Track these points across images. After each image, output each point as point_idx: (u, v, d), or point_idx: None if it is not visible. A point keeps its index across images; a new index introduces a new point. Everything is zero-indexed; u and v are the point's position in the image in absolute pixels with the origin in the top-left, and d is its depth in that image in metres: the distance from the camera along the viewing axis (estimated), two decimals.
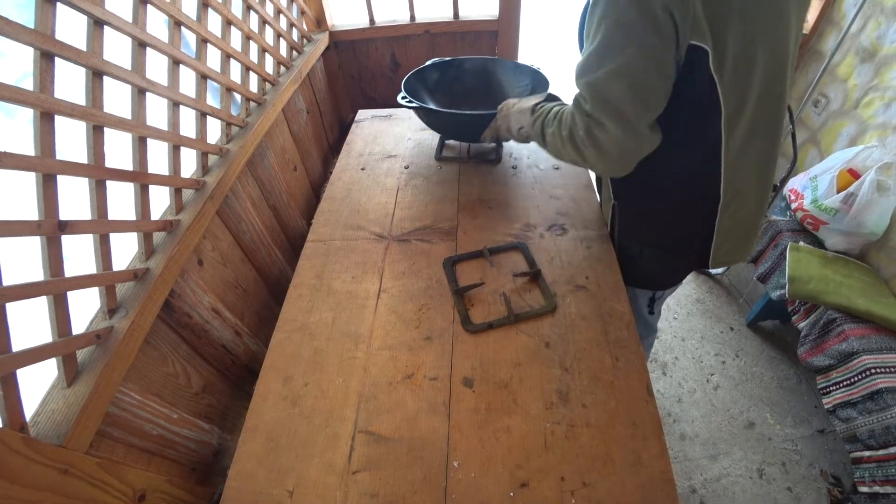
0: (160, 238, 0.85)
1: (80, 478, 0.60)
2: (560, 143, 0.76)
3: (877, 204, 1.35)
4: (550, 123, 0.80)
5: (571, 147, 0.74)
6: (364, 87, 1.89)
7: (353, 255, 0.99)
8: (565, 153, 0.77)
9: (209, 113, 1.01)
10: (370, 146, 1.33)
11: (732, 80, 0.64)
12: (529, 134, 0.90)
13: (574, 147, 0.73)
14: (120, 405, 0.72)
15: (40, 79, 0.62)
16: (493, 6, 1.63)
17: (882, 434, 1.14)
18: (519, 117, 0.91)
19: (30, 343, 0.58)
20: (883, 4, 1.47)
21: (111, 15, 0.74)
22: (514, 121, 0.93)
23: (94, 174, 0.71)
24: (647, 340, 1.32)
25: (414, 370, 0.78)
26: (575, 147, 0.73)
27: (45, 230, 0.61)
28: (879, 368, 1.17)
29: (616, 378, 0.75)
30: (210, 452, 0.94)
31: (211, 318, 0.97)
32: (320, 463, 0.68)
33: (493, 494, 0.64)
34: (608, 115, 0.67)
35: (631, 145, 0.69)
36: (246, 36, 1.17)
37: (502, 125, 0.98)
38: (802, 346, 1.41)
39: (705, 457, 1.45)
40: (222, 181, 0.98)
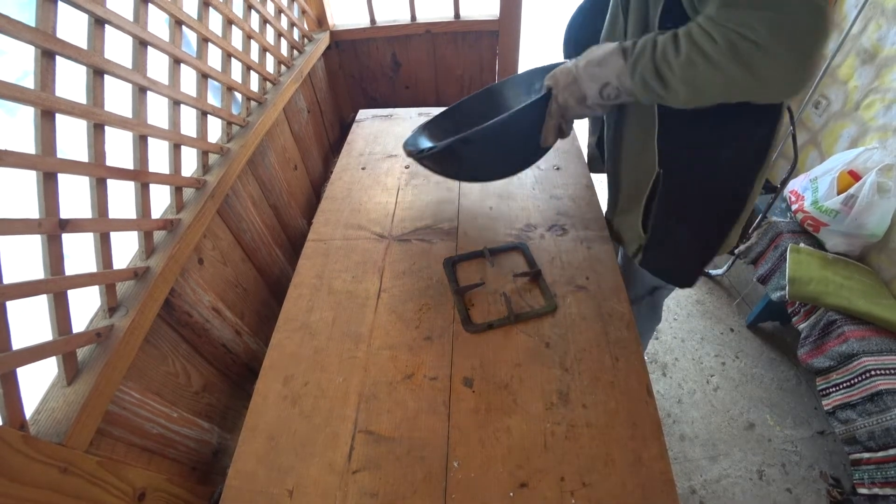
0: (161, 237, 0.85)
1: (80, 476, 0.60)
2: (706, 67, 0.54)
3: (877, 206, 1.35)
4: (671, 55, 0.57)
5: (734, 61, 0.52)
6: (365, 87, 1.89)
7: (354, 255, 0.99)
8: (718, 77, 0.55)
9: (210, 112, 1.01)
10: (371, 146, 1.33)
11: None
12: (626, 87, 0.65)
13: (740, 58, 0.51)
14: (120, 404, 0.72)
15: (41, 77, 0.62)
16: (493, 6, 1.63)
17: (882, 436, 1.14)
18: (598, 73, 0.66)
19: (30, 341, 0.58)
20: (884, 6, 1.47)
21: (112, 14, 0.74)
22: (589, 83, 0.68)
23: (95, 173, 0.71)
24: (646, 336, 1.32)
25: (414, 370, 0.78)
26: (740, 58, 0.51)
27: (46, 228, 0.61)
28: (879, 370, 1.17)
29: (616, 378, 0.75)
30: (210, 451, 0.94)
31: (211, 317, 0.97)
32: (320, 462, 0.68)
33: (493, 494, 0.64)
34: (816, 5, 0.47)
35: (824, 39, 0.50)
36: (247, 35, 1.17)
37: (569, 100, 0.71)
38: (802, 347, 1.41)
39: (705, 458, 1.45)
40: (223, 180, 0.98)
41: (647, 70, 0.60)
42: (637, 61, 0.62)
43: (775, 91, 0.55)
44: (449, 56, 1.76)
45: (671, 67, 0.57)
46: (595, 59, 0.67)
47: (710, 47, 0.53)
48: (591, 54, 0.68)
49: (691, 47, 0.55)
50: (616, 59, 0.64)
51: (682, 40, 0.56)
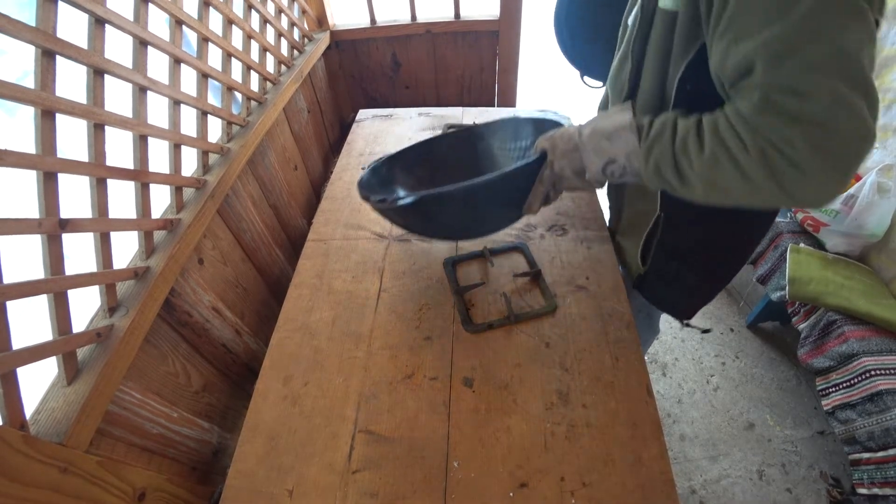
0: (161, 237, 0.85)
1: (80, 476, 0.60)
2: (735, 171, 0.48)
3: (877, 206, 1.35)
4: (691, 145, 0.51)
5: (764, 174, 0.46)
6: (365, 87, 1.89)
7: (354, 255, 0.99)
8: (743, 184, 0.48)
9: (210, 112, 1.01)
10: (371, 146, 1.33)
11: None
12: (634, 168, 0.58)
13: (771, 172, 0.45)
14: (120, 404, 0.72)
15: (41, 77, 0.62)
16: (494, 6, 1.63)
17: (881, 436, 1.14)
18: (604, 148, 0.58)
19: (30, 341, 0.58)
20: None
21: (112, 13, 0.74)
22: (592, 156, 0.60)
23: (95, 172, 0.71)
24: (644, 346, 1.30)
25: (414, 370, 0.78)
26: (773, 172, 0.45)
27: (46, 228, 0.61)
28: (879, 370, 1.18)
29: (616, 378, 0.75)
30: (210, 451, 0.94)
31: (211, 316, 0.97)
32: (320, 462, 0.68)
33: (493, 494, 0.64)
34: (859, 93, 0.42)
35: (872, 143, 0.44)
36: (247, 35, 1.17)
37: (566, 169, 0.63)
38: (802, 347, 1.41)
39: (705, 458, 1.45)
40: (223, 180, 0.98)
41: (664, 159, 0.53)
42: (653, 146, 0.54)
43: (802, 204, 0.50)
44: (449, 56, 1.76)
45: (692, 163, 0.51)
46: (603, 131, 0.59)
47: (739, 153, 0.47)
48: (599, 123, 0.60)
49: (718, 146, 0.48)
50: (628, 137, 0.57)
51: (708, 136, 0.49)
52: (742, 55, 0.46)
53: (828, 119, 0.41)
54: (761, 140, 0.45)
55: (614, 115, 0.59)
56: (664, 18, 0.55)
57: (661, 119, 0.55)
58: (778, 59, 0.43)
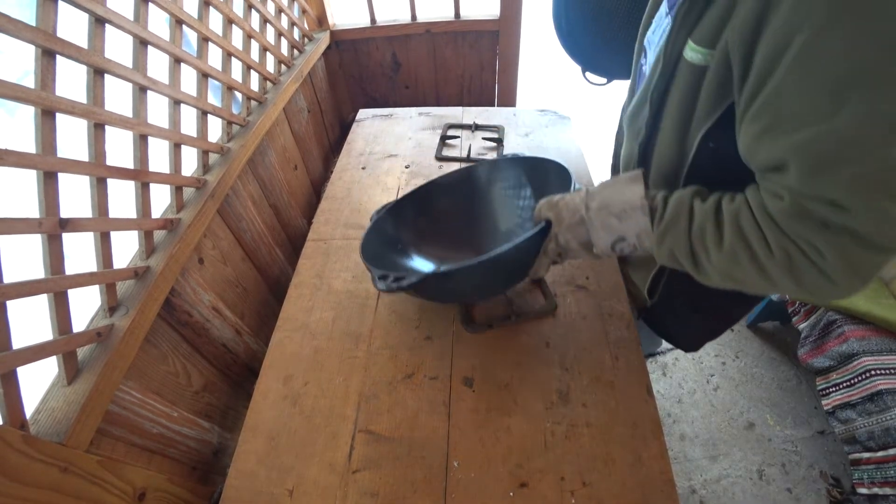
0: (161, 236, 0.85)
1: (81, 476, 0.60)
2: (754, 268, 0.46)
3: None
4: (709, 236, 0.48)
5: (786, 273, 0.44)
6: (365, 87, 1.89)
7: (354, 255, 0.99)
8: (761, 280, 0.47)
9: (210, 111, 1.01)
10: (371, 145, 1.33)
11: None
12: (645, 248, 0.55)
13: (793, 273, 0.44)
14: (120, 403, 0.72)
15: (41, 76, 0.62)
16: (494, 6, 1.63)
17: (881, 436, 1.14)
18: (614, 226, 0.55)
19: (30, 341, 0.58)
20: None
21: (112, 13, 0.74)
22: (600, 232, 0.56)
23: (95, 172, 0.71)
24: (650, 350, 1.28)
25: (414, 370, 0.78)
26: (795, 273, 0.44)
27: (46, 228, 0.61)
28: (879, 370, 1.17)
29: (616, 378, 0.75)
30: (210, 451, 0.94)
31: (211, 316, 0.97)
32: (320, 462, 0.68)
33: (493, 494, 0.64)
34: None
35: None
36: (247, 35, 1.17)
37: (571, 242, 0.60)
38: (802, 347, 1.41)
39: (705, 457, 1.45)
40: (223, 180, 0.98)
41: (679, 247, 0.51)
42: (667, 232, 0.51)
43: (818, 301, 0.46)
44: (449, 56, 1.76)
45: (709, 255, 0.48)
46: (612, 209, 0.55)
47: (761, 252, 0.44)
48: (608, 198, 0.55)
49: (738, 242, 0.46)
50: (639, 218, 0.53)
51: (728, 230, 0.46)
52: (775, 152, 0.41)
53: (867, 234, 0.39)
54: (787, 243, 0.43)
55: (624, 190, 0.54)
56: (690, 71, 0.49)
57: (675, 200, 0.51)
58: (816, 170, 0.39)
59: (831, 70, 0.36)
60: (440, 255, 0.90)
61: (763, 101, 0.41)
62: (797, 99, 0.38)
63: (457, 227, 0.92)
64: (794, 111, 0.39)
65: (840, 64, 0.35)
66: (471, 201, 0.93)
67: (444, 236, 0.92)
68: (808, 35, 0.36)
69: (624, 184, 0.55)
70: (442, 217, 0.93)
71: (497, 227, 0.92)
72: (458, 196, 0.93)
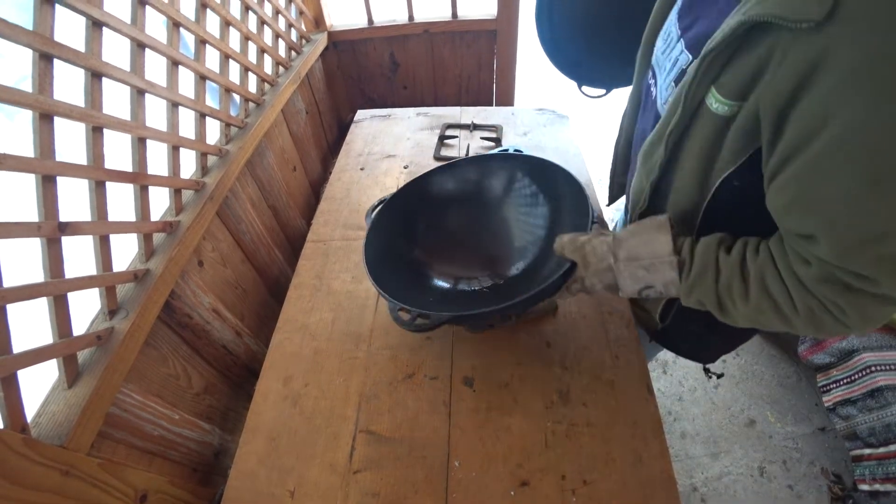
0: (160, 239, 0.85)
1: (82, 479, 0.60)
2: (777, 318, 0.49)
3: None
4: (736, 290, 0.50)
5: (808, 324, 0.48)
6: (363, 87, 1.89)
7: (353, 255, 0.99)
8: (784, 326, 0.50)
9: (208, 114, 1.01)
10: (369, 146, 1.33)
11: None
12: (672, 295, 0.57)
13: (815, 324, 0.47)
14: (121, 406, 0.72)
15: (39, 80, 0.62)
16: (491, 6, 1.63)
17: (882, 432, 1.14)
18: (642, 276, 0.56)
19: (31, 344, 0.59)
20: None
21: (110, 16, 0.74)
22: (628, 281, 0.57)
23: (94, 175, 0.71)
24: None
25: (414, 370, 0.78)
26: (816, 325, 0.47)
27: (46, 232, 0.61)
28: (880, 366, 1.18)
29: (616, 377, 0.75)
30: (211, 453, 0.94)
31: (211, 318, 0.97)
32: (321, 463, 0.68)
33: (494, 493, 0.64)
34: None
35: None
36: (244, 37, 1.17)
37: (597, 285, 0.61)
38: (803, 344, 1.41)
39: (706, 455, 1.45)
40: (222, 182, 0.98)
41: (707, 298, 0.53)
42: (695, 286, 0.53)
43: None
44: (447, 56, 1.76)
45: (735, 305, 0.51)
46: (641, 261, 0.55)
47: (786, 308, 0.48)
48: (636, 249, 0.55)
49: (764, 300, 0.48)
50: (668, 272, 0.54)
51: (754, 287, 0.49)
52: (805, 226, 0.43)
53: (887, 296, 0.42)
54: (812, 301, 0.45)
55: (653, 241, 0.54)
56: (713, 120, 0.47)
57: (701, 252, 0.52)
58: (848, 249, 0.41)
59: (870, 159, 0.36)
60: (446, 258, 0.87)
61: (794, 173, 0.41)
62: (832, 182, 0.39)
63: (461, 223, 0.91)
64: (829, 193, 0.39)
65: (880, 155, 0.36)
66: (476, 198, 0.91)
67: (448, 232, 0.90)
68: (847, 120, 0.36)
69: (651, 233, 0.55)
70: (446, 214, 0.91)
71: (505, 228, 0.89)
72: (462, 190, 0.91)
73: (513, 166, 0.87)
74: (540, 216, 0.83)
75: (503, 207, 0.89)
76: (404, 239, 0.86)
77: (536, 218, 0.84)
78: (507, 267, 0.83)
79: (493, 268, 0.84)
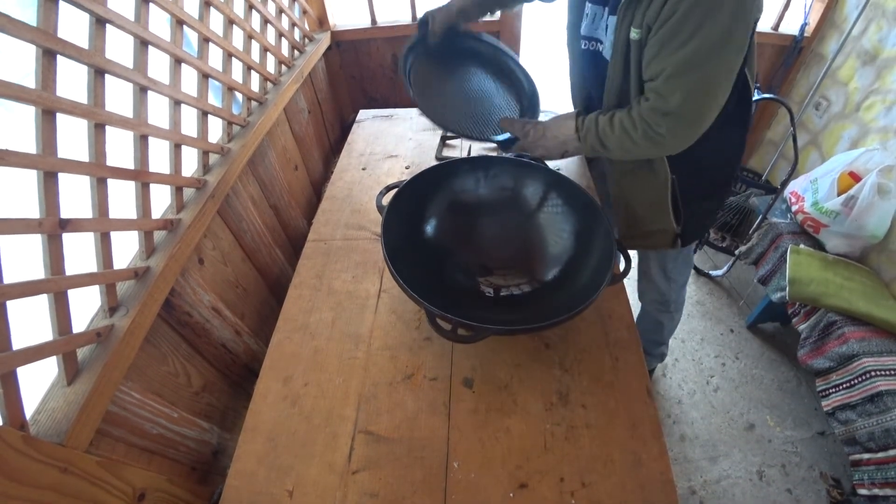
0: (161, 237, 0.85)
1: (81, 476, 0.60)
2: (631, 145, 0.79)
3: (877, 207, 1.35)
4: (609, 134, 0.81)
5: (648, 144, 0.77)
6: (365, 87, 1.89)
7: (354, 255, 0.99)
8: (636, 151, 0.81)
9: (210, 112, 1.01)
10: (371, 146, 1.33)
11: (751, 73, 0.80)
12: (576, 151, 0.89)
13: (651, 142, 0.77)
14: (120, 404, 0.72)
15: (42, 77, 0.62)
16: None
17: (881, 437, 1.13)
18: (557, 145, 0.89)
19: (30, 341, 0.58)
20: (885, 7, 1.47)
21: (113, 13, 0.74)
22: (550, 147, 0.90)
23: (96, 172, 0.71)
24: (677, 316, 1.36)
25: (414, 370, 0.78)
26: (652, 142, 0.77)
27: (46, 228, 0.61)
28: (879, 371, 1.17)
29: (616, 379, 0.75)
30: (210, 451, 0.94)
31: (211, 317, 0.97)
32: (320, 463, 0.68)
33: (493, 495, 0.64)
34: (703, 109, 0.72)
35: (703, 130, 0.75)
36: (248, 35, 1.17)
37: (535, 150, 0.93)
38: (802, 348, 1.41)
39: (705, 458, 1.45)
40: (223, 180, 0.98)
41: (592, 145, 0.83)
42: (586, 138, 0.84)
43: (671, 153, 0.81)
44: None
45: (608, 139, 0.81)
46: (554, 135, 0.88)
47: (631, 131, 0.77)
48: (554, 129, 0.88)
49: (621, 130, 0.79)
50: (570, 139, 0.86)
51: (616, 124, 0.79)
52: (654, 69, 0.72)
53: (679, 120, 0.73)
54: (644, 124, 0.75)
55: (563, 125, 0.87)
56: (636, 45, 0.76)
57: (591, 120, 0.83)
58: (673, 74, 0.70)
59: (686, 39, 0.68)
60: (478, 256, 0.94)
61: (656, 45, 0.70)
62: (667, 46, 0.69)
63: (491, 225, 0.98)
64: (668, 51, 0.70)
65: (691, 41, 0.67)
66: (508, 203, 0.98)
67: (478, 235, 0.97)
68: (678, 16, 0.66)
69: (563, 120, 0.88)
70: (474, 215, 0.97)
71: (538, 235, 0.95)
72: (494, 191, 0.98)
73: (544, 179, 0.95)
74: (567, 226, 0.92)
75: (537, 216, 0.97)
76: (438, 246, 0.92)
77: (563, 227, 0.92)
78: (542, 272, 0.90)
79: (531, 272, 0.90)
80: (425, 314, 0.69)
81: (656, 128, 0.75)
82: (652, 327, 1.39)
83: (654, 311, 1.33)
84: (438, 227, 0.92)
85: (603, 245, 0.80)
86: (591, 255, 0.82)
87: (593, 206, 0.86)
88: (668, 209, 0.97)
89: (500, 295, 0.86)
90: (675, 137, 0.76)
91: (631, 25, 0.74)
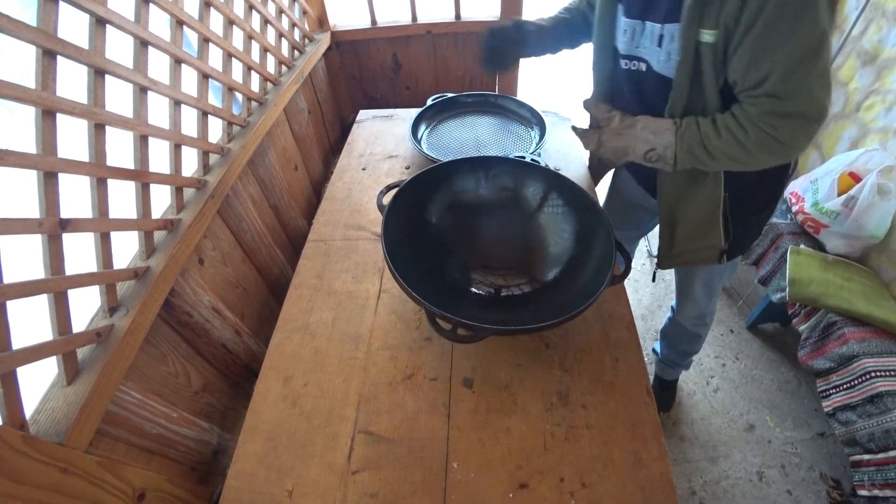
0: (161, 237, 0.85)
1: (80, 476, 0.60)
2: (741, 152, 0.72)
3: (877, 207, 1.35)
4: (712, 137, 0.73)
5: (762, 151, 0.71)
6: (365, 88, 1.89)
7: (354, 256, 0.99)
8: (746, 160, 0.74)
9: (211, 112, 1.01)
10: (371, 146, 1.33)
11: None
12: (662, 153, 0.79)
13: (765, 150, 0.71)
14: (120, 404, 0.72)
15: (42, 77, 0.62)
16: (495, 7, 1.63)
17: (882, 437, 1.13)
18: (647, 137, 0.79)
19: (30, 341, 0.58)
20: (885, 8, 1.47)
21: (113, 14, 0.74)
22: (640, 140, 0.80)
23: (96, 172, 0.71)
24: (711, 325, 1.33)
25: (414, 370, 0.78)
26: (767, 150, 0.70)
27: (46, 228, 0.61)
28: (879, 372, 1.17)
29: (616, 379, 0.75)
30: (210, 451, 0.94)
31: (211, 317, 0.97)
32: (320, 463, 0.68)
33: (493, 495, 0.64)
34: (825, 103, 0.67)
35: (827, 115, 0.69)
36: (248, 35, 1.17)
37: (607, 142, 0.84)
38: (802, 348, 1.40)
39: (705, 459, 1.45)
40: (223, 180, 0.98)
41: (694, 141, 0.75)
42: (684, 136, 0.76)
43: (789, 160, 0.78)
44: (450, 57, 1.76)
45: (712, 144, 0.74)
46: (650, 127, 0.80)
47: (741, 136, 0.71)
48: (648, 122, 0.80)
49: (728, 134, 0.72)
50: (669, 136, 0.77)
51: (722, 128, 0.72)
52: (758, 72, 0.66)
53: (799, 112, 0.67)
54: (757, 130, 0.69)
55: (659, 120, 0.79)
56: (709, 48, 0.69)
57: (687, 120, 0.76)
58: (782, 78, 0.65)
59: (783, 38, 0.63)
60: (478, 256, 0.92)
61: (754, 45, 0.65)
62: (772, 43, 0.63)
63: (492, 224, 0.96)
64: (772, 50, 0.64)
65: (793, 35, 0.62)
66: (509, 204, 0.96)
67: (479, 234, 0.96)
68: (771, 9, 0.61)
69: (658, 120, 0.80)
70: (475, 214, 0.95)
71: (539, 235, 0.94)
72: (495, 191, 0.96)
73: (545, 180, 0.93)
74: (568, 227, 0.91)
75: (538, 216, 0.95)
76: (439, 244, 0.91)
77: (564, 228, 0.91)
78: (542, 272, 0.89)
79: (530, 273, 0.89)
80: (425, 314, 0.69)
81: (774, 132, 0.67)
82: (688, 341, 1.36)
83: (691, 327, 1.29)
84: (439, 227, 0.92)
85: (603, 246, 0.79)
86: (592, 256, 0.81)
87: (594, 207, 0.85)
88: (718, 226, 0.91)
89: (501, 295, 0.86)
90: (798, 139, 0.69)
91: (700, 28, 0.67)
